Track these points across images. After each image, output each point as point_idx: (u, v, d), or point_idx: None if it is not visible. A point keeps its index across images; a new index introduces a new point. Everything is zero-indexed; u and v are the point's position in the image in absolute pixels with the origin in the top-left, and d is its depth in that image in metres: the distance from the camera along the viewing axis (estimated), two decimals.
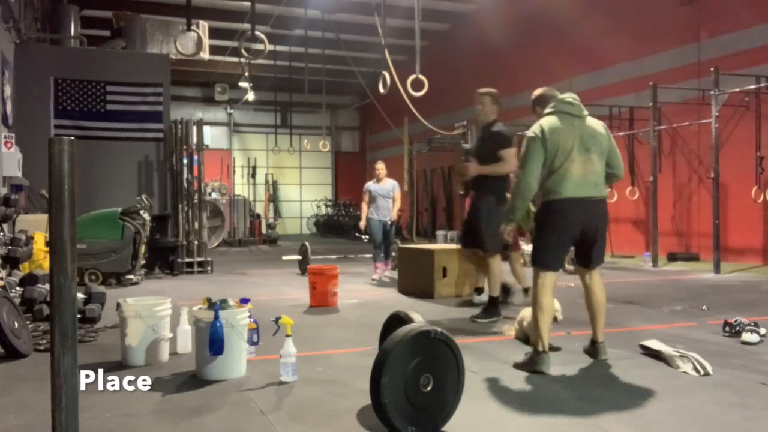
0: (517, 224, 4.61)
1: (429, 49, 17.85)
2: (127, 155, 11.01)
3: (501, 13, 16.44)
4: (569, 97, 4.20)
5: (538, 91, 4.59)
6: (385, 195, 8.99)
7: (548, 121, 4.10)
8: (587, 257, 4.18)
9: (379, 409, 2.78)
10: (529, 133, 4.17)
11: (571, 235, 4.07)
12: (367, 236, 9.54)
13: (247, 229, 19.62)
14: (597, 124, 4.19)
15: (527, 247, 10.96)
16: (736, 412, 3.15)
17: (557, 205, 4.02)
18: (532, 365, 3.91)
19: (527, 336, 4.63)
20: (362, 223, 9.29)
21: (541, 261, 4.07)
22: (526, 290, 6.49)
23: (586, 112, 4.16)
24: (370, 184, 9.17)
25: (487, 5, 16.71)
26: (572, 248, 4.30)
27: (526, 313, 4.69)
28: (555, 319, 4.31)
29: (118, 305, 4.23)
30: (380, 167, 9.14)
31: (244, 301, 4.06)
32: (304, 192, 27.15)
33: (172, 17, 13.98)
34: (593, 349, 4.23)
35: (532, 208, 4.71)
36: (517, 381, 3.73)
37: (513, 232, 4.49)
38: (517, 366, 4.01)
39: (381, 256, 9.04)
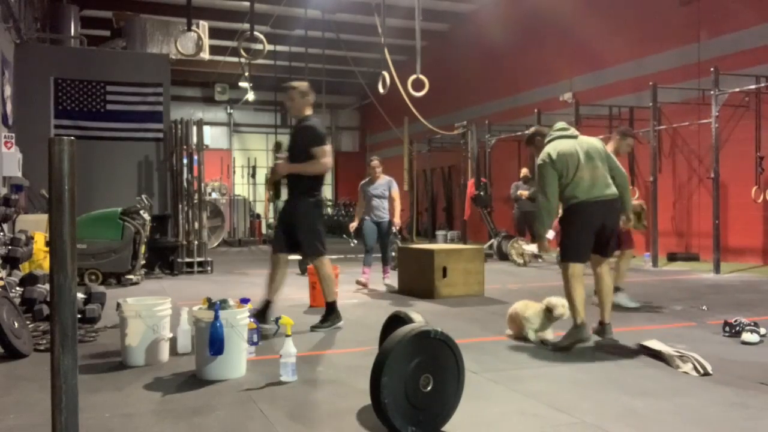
0: (629, 225, 5.27)
1: (429, 49, 17.85)
2: (127, 155, 11.01)
3: (501, 13, 16.45)
4: (562, 124, 5.02)
5: (533, 129, 5.41)
6: (380, 194, 8.32)
7: (553, 146, 4.80)
8: (604, 248, 4.82)
9: (379, 409, 2.78)
10: (540, 160, 4.82)
11: (591, 230, 4.71)
12: (351, 239, 8.89)
13: (247, 229, 19.62)
14: (592, 139, 4.95)
15: (528, 247, 11.02)
16: (736, 412, 3.15)
17: (576, 207, 4.71)
18: (574, 337, 4.55)
19: (522, 331, 4.85)
20: (353, 225, 8.65)
21: (569, 256, 4.73)
22: (617, 289, 6.11)
23: (578, 133, 4.94)
24: (363, 184, 8.54)
25: (487, 5, 16.72)
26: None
27: (519, 306, 4.96)
28: (562, 315, 4.74)
29: (118, 305, 4.23)
30: (375, 165, 8.44)
31: (244, 301, 4.06)
32: None
33: (172, 17, 13.97)
34: (601, 329, 4.84)
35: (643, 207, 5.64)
36: (517, 381, 3.73)
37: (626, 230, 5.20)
38: (559, 346, 4.55)
39: (370, 260, 8.29)
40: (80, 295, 5.42)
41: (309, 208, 5.37)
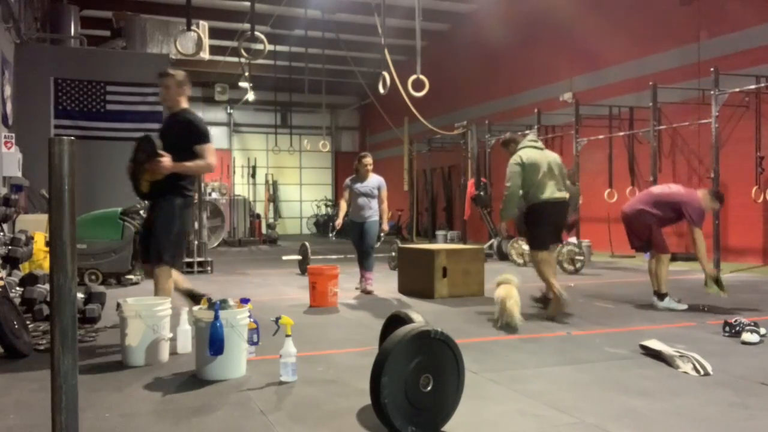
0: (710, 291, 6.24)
1: (429, 49, 17.85)
2: (128, 155, 10.86)
3: (501, 13, 16.45)
4: (533, 137, 6.42)
5: (509, 135, 6.62)
6: (368, 193, 7.76)
7: (525, 153, 6.04)
8: (558, 238, 6.34)
9: (379, 409, 2.78)
10: (513, 160, 6.01)
11: (551, 224, 5.99)
12: (334, 234, 8.46)
13: (247, 229, 19.62)
14: (553, 153, 6.27)
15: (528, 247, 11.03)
16: (736, 412, 3.15)
17: (538, 206, 5.94)
18: (558, 307, 5.74)
19: (503, 315, 5.34)
20: (338, 222, 8.01)
21: (537, 245, 5.99)
22: (662, 295, 6.28)
23: (543, 146, 6.26)
24: (350, 180, 7.93)
25: (487, 5, 16.72)
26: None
27: (501, 292, 5.44)
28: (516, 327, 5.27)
29: (118, 305, 4.23)
30: (369, 162, 7.84)
31: (244, 301, 4.06)
32: (304, 192, 27.16)
33: (172, 17, 13.98)
34: (545, 300, 6.14)
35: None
36: (517, 381, 3.73)
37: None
38: (549, 317, 5.70)
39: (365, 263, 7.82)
40: (80, 295, 5.42)
41: (174, 209, 4.73)
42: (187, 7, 8.15)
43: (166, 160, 4.60)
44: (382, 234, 8.04)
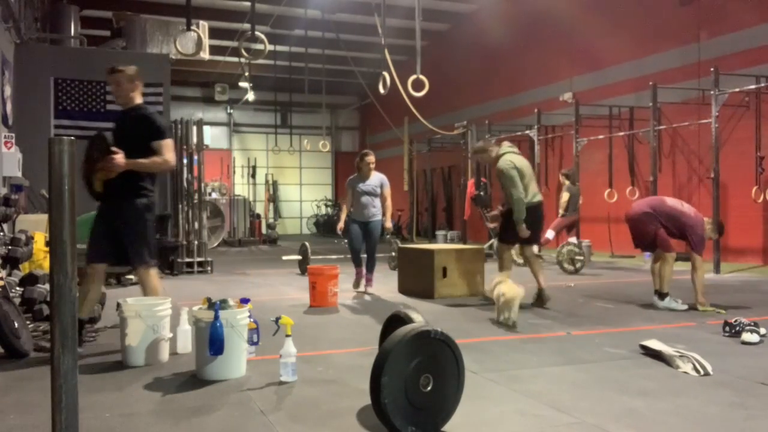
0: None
1: (429, 49, 17.86)
2: None
3: (501, 13, 16.45)
4: (509, 143, 6.81)
5: (478, 145, 7.24)
6: (370, 191, 7.65)
7: (512, 158, 6.49)
8: (534, 238, 6.71)
9: (379, 409, 2.78)
10: (506, 165, 6.42)
11: (533, 223, 6.47)
12: (345, 239, 8.00)
13: (247, 229, 19.62)
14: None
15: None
16: (736, 412, 3.15)
17: (532, 208, 6.42)
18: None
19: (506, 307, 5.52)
20: (340, 225, 7.89)
21: (510, 240, 6.69)
22: (663, 294, 6.37)
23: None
24: (352, 180, 7.81)
25: (487, 5, 16.72)
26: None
27: (503, 288, 5.55)
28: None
29: (118, 305, 4.23)
30: (371, 160, 7.74)
31: (244, 301, 4.06)
32: (304, 192, 27.16)
33: (172, 17, 13.98)
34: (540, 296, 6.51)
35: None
36: (517, 381, 3.73)
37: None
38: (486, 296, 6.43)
39: (361, 259, 7.82)
40: None
41: (140, 211, 4.59)
42: (187, 7, 8.15)
43: (119, 157, 4.38)
44: (387, 234, 7.99)
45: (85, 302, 4.53)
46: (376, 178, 7.73)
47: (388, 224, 7.76)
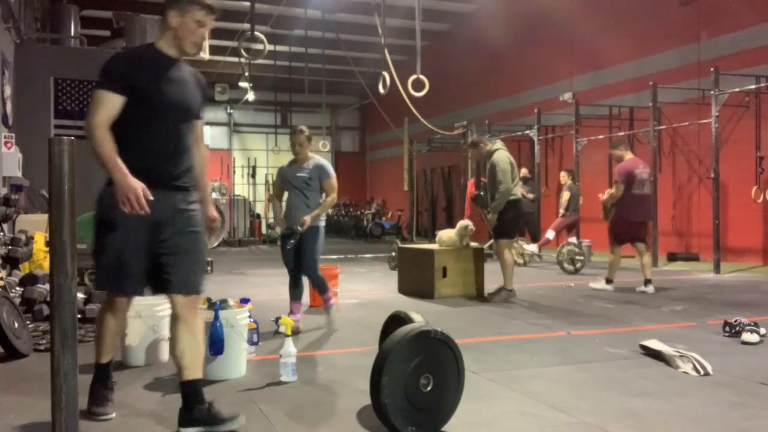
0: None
1: (429, 49, 17.85)
2: None
3: (501, 13, 16.44)
4: (499, 141, 7.41)
5: (475, 138, 7.87)
6: (300, 186, 5.35)
7: (505, 154, 7.02)
8: (522, 231, 7.71)
9: (379, 409, 2.78)
10: (503, 158, 6.92)
11: (521, 216, 7.52)
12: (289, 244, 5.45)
13: (247, 229, 19.63)
14: None
15: (529, 247, 11.04)
16: (736, 412, 3.15)
17: (513, 202, 6.95)
18: (502, 297, 6.84)
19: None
20: (278, 227, 6.16)
21: (506, 235, 7.11)
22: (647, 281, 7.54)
23: None
24: (283, 169, 5.61)
25: (487, 5, 16.71)
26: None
27: (443, 235, 7.45)
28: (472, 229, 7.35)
29: None
30: (302, 139, 5.41)
31: (244, 301, 4.06)
32: None
33: None
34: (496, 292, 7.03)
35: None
36: (517, 381, 3.73)
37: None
38: (489, 299, 6.86)
39: (298, 292, 5.47)
40: (80, 295, 5.42)
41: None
42: None
43: None
44: (300, 227, 5.21)
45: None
46: (312, 165, 5.39)
47: (307, 217, 5.21)
